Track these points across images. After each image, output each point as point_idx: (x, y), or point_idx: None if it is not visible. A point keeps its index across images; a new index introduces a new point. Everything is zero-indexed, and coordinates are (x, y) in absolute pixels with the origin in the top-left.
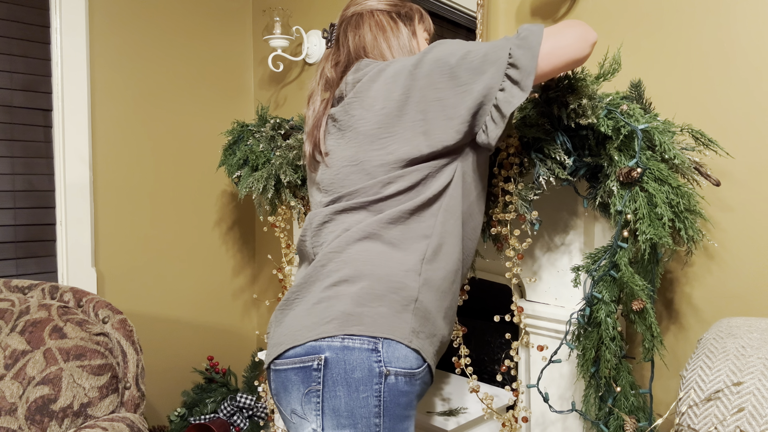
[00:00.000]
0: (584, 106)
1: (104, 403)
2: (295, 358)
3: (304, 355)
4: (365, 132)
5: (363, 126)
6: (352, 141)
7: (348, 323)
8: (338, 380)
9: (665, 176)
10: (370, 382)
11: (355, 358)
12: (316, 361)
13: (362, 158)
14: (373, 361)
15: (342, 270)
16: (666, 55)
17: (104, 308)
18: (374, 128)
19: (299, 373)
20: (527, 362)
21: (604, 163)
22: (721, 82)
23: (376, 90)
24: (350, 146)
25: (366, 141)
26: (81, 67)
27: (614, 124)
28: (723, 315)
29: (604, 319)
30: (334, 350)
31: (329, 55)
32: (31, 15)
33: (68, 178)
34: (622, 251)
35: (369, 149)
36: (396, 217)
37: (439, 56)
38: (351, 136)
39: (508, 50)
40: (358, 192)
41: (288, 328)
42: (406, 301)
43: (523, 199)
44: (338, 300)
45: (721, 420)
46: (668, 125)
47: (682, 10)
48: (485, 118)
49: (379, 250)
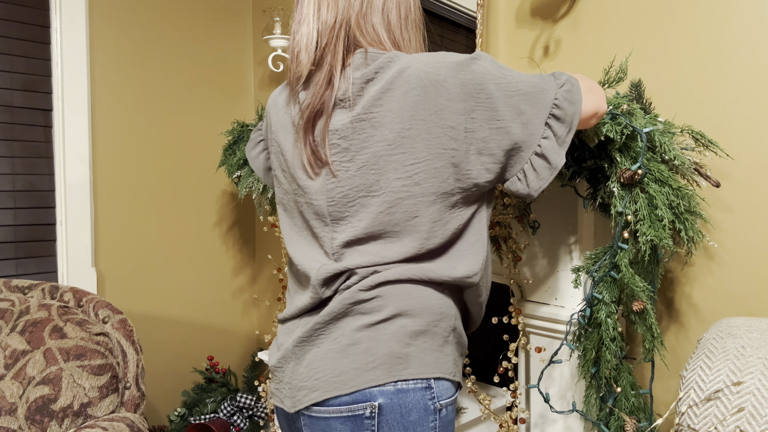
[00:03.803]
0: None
1: (104, 403)
2: (341, 406)
3: (353, 404)
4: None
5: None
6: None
7: (396, 367)
8: (394, 425)
9: (666, 177)
10: (426, 420)
11: (410, 400)
12: (369, 409)
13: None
14: (428, 399)
15: (377, 305)
16: (666, 56)
17: (104, 308)
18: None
19: (347, 422)
20: (526, 363)
21: (605, 164)
22: (721, 83)
23: (396, 104)
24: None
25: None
26: (81, 67)
27: (619, 127)
28: (723, 315)
29: (605, 320)
30: (388, 395)
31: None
32: (31, 15)
33: (68, 178)
34: (623, 252)
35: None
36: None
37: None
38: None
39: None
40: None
41: (322, 372)
42: (447, 332)
43: (521, 201)
44: (379, 341)
45: (721, 420)
46: (669, 126)
47: (682, 10)
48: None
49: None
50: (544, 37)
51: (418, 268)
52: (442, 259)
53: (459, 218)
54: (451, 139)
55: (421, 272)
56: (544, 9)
